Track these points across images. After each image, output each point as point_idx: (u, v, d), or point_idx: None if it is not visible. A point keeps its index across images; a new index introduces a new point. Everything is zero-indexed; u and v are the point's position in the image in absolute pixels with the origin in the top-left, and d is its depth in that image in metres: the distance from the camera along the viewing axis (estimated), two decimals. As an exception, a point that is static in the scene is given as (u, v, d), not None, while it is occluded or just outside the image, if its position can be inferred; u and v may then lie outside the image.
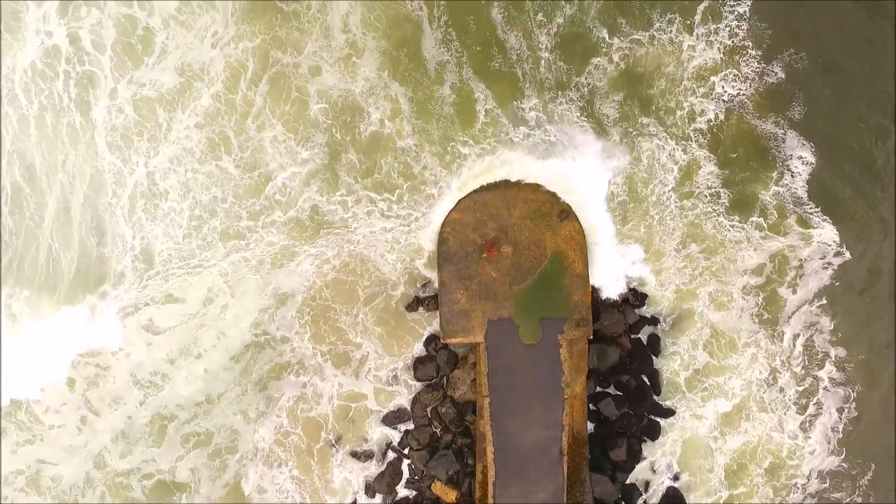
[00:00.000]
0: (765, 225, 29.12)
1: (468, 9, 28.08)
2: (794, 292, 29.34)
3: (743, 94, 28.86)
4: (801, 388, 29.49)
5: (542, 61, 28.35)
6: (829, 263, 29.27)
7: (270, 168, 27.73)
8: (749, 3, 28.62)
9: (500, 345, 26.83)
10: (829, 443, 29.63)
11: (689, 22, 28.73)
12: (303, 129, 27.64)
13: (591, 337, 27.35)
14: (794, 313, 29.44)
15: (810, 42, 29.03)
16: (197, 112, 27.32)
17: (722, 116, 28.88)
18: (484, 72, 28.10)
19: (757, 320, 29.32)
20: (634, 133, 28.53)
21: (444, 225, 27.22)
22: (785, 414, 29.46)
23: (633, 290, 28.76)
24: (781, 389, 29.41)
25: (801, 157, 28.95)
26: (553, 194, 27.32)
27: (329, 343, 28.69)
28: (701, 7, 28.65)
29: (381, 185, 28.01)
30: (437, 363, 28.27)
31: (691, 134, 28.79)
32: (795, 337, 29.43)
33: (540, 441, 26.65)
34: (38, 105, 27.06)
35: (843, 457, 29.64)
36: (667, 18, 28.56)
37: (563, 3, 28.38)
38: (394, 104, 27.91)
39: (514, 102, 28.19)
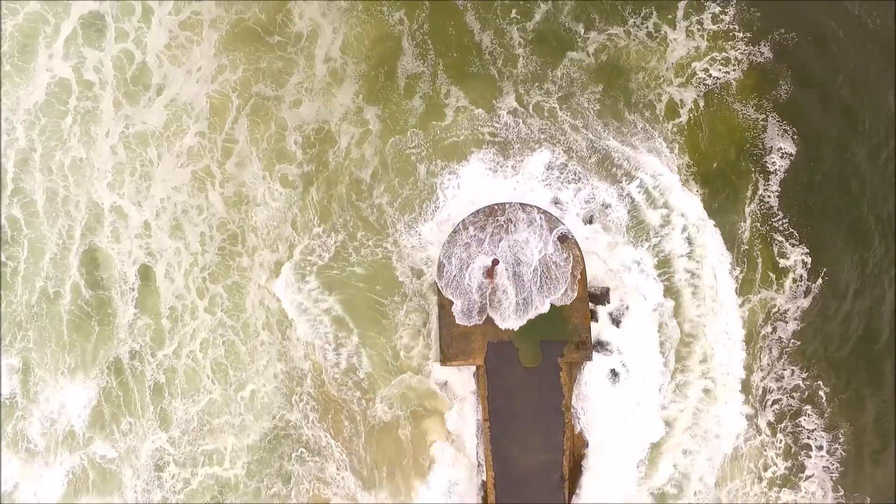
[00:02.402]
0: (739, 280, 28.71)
1: (447, 17, 28.71)
2: (761, 369, 28.68)
3: (728, 77, 28.76)
4: (787, 456, 28.67)
5: (520, 59, 28.77)
6: (797, 317, 28.77)
7: (257, 201, 28.17)
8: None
9: (499, 368, 26.62)
10: (823, 485, 28.81)
11: (670, 16, 28.87)
12: (278, 167, 28.10)
13: (592, 360, 27.09)
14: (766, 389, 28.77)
15: (800, 20, 29.06)
16: (182, 151, 27.87)
17: (702, 104, 28.74)
18: (461, 77, 28.65)
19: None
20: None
21: (442, 249, 27.02)
22: (774, 472, 28.69)
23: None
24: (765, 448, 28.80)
25: (780, 149, 28.56)
26: (551, 216, 27.03)
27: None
28: (682, 3, 28.89)
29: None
30: (437, 386, 28.20)
31: (668, 134, 28.56)
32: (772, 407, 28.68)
33: (540, 465, 26.39)
34: (41, 142, 27.77)
35: (840, 494, 28.72)
36: (642, 14, 28.83)
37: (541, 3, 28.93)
38: (365, 126, 28.39)
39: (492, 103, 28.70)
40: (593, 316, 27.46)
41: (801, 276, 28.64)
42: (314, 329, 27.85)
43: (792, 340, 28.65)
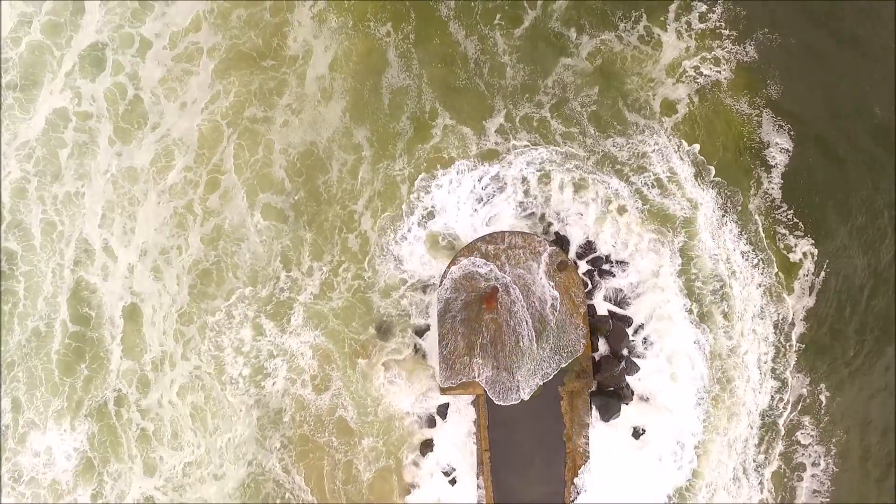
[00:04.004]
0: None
1: (433, 30, 28.61)
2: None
3: (720, 77, 28.56)
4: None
5: (507, 67, 28.57)
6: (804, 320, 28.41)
7: (241, 238, 27.97)
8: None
9: (499, 397, 26.33)
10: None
11: (662, 19, 28.74)
12: (262, 195, 27.93)
13: (593, 389, 26.82)
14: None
15: (786, 18, 28.80)
16: (165, 189, 27.77)
17: (697, 101, 28.53)
18: (448, 92, 28.40)
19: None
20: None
21: (443, 276, 26.74)
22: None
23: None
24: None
25: (777, 144, 28.29)
26: (552, 245, 26.75)
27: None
28: (673, 7, 28.76)
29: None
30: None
31: (670, 131, 28.42)
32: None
33: (541, 497, 25.99)
34: (36, 176, 27.70)
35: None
36: (633, 17, 28.69)
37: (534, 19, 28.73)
38: (357, 153, 28.19)
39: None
40: (593, 345, 27.17)
41: (809, 270, 28.21)
42: (295, 368, 27.64)
43: (798, 344, 28.23)
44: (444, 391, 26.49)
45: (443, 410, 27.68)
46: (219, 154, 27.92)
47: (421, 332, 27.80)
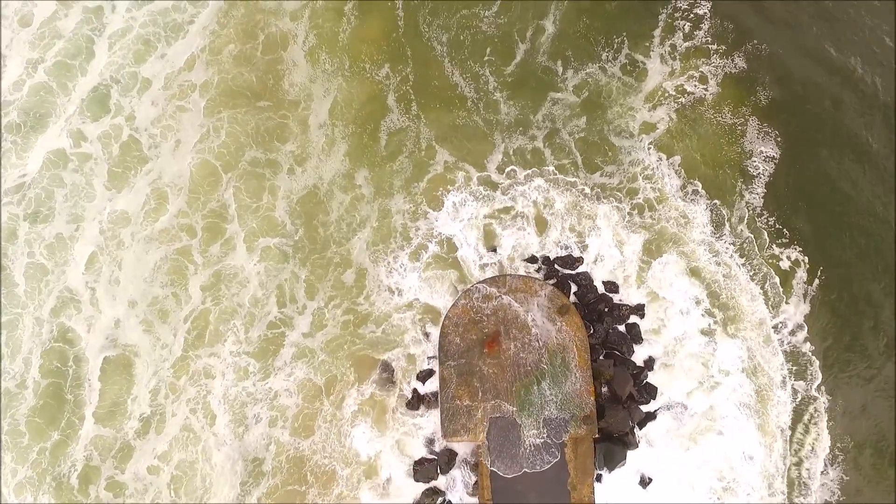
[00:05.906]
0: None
1: (431, 71, 29.21)
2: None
3: (706, 92, 29.04)
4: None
5: (501, 104, 29.25)
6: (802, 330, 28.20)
7: (239, 282, 27.57)
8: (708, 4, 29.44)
9: (502, 444, 25.69)
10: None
11: (647, 44, 29.29)
12: (262, 240, 27.76)
13: (598, 435, 26.26)
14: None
15: (776, 28, 29.40)
16: (154, 236, 27.54)
17: (677, 120, 28.87)
18: (446, 132, 28.75)
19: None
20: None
21: (444, 319, 26.42)
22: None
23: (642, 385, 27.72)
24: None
25: (762, 153, 28.50)
26: (552, 288, 26.60)
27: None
28: (657, 32, 29.39)
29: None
30: (437, 464, 27.01)
31: (654, 151, 28.61)
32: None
33: (547, 549, 25.31)
34: (28, 223, 27.35)
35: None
36: (614, 46, 29.29)
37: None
38: (354, 191, 28.25)
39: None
40: (595, 389, 26.73)
41: (801, 279, 28.14)
42: (278, 407, 26.92)
43: (799, 348, 28.01)
44: (446, 437, 25.85)
45: (445, 456, 26.91)
46: (216, 199, 27.70)
47: (424, 377, 27.26)
